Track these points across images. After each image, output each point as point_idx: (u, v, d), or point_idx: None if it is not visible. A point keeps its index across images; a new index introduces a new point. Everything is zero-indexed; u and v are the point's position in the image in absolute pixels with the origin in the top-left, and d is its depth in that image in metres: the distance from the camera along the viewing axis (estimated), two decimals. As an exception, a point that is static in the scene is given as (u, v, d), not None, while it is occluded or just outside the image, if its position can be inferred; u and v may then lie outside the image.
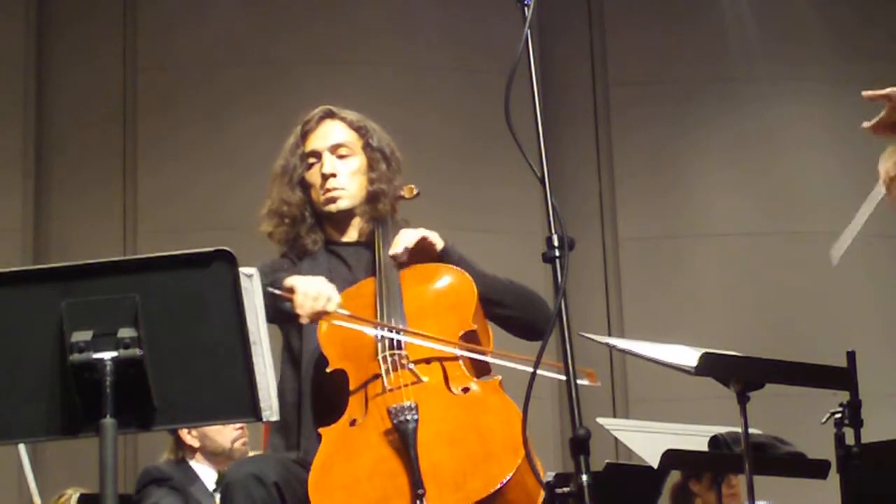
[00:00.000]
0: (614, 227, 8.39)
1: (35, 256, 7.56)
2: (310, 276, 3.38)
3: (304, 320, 3.32)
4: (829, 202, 8.29)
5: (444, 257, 3.57)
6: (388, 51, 8.16)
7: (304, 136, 3.67)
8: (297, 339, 3.50)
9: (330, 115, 3.70)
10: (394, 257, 3.48)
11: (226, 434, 5.01)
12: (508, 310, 3.56)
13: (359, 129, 3.68)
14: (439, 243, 3.57)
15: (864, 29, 8.57)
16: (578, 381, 2.77)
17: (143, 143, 7.95)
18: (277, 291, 3.29)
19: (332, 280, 3.50)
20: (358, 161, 3.65)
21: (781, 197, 8.40)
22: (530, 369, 2.81)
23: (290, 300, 3.30)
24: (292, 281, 3.34)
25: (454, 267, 3.54)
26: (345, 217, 3.65)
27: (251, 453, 4.84)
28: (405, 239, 3.50)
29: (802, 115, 8.54)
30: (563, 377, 2.74)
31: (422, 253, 3.56)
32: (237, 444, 5.02)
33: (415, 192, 3.72)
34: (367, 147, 3.67)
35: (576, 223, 7.64)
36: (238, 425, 5.01)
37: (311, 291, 3.30)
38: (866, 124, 3.32)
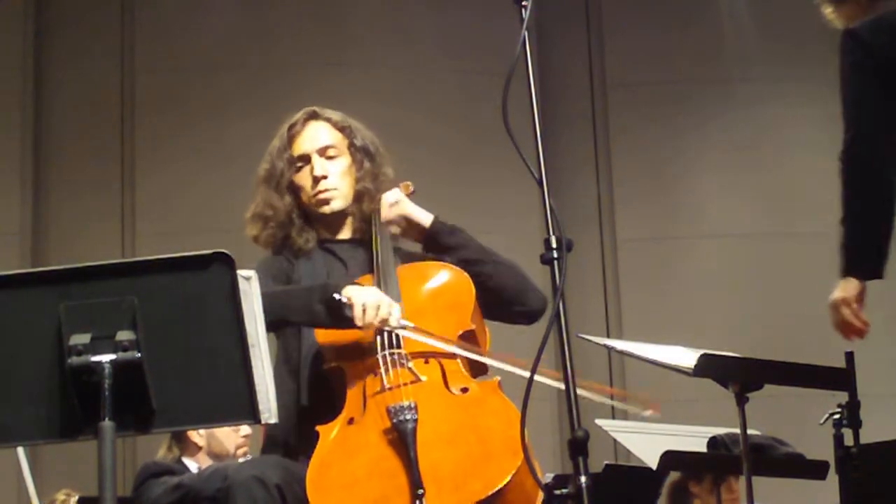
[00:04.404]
0: (612, 228, 8.39)
1: (34, 259, 7.56)
2: (366, 287, 3.39)
3: (365, 329, 3.33)
4: (826, 203, 8.26)
5: (435, 232, 3.60)
6: (385, 52, 8.16)
7: (291, 139, 3.70)
8: (296, 338, 3.50)
9: (314, 116, 3.73)
10: (387, 221, 3.57)
11: (231, 439, 5.06)
12: (490, 277, 3.57)
13: (343, 129, 3.72)
14: (426, 220, 3.61)
15: (862, 29, 8.57)
16: (642, 413, 2.79)
17: (141, 145, 7.95)
18: (342, 298, 3.31)
19: (329, 277, 3.51)
20: (345, 161, 3.69)
21: (779, 198, 8.40)
22: (527, 374, 2.81)
23: (351, 307, 3.31)
24: (350, 291, 3.35)
25: (452, 266, 3.56)
26: (337, 217, 3.68)
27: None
28: (386, 198, 3.60)
29: (800, 116, 8.54)
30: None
31: (411, 229, 3.61)
32: (239, 452, 5.07)
33: (410, 189, 3.74)
34: (351, 146, 3.70)
35: (574, 224, 7.63)
36: (244, 435, 5.06)
37: (372, 301, 3.31)
38: None
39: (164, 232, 7.56)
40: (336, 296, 3.31)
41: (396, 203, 3.63)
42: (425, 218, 3.63)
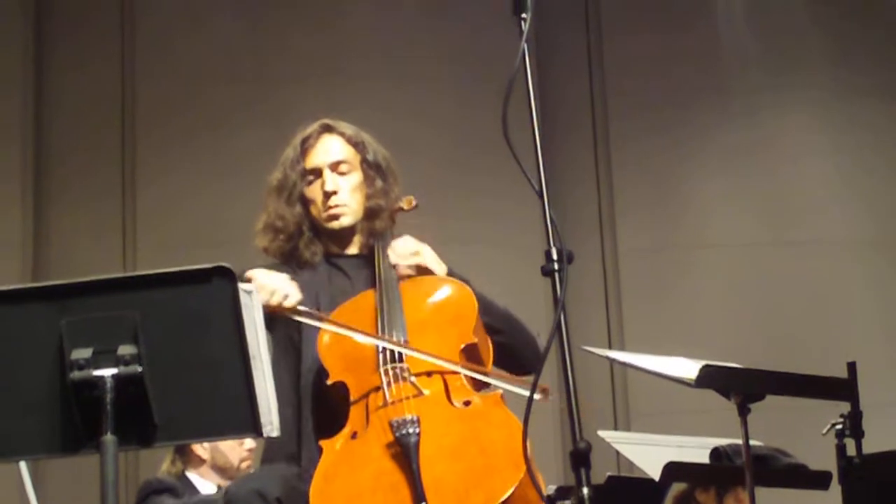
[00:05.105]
0: (613, 238, 8.38)
1: (34, 270, 7.56)
2: (272, 272, 3.38)
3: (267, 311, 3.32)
4: (827, 210, 8.28)
5: None
6: (384, 63, 8.16)
7: (304, 152, 3.69)
8: (297, 352, 3.49)
9: (328, 129, 3.72)
10: (395, 266, 3.53)
11: (236, 453, 5.07)
12: (500, 335, 3.56)
13: (356, 145, 3.71)
14: (439, 270, 3.60)
15: (860, 37, 8.58)
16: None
17: (142, 155, 7.95)
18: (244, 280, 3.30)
19: (331, 291, 3.52)
20: (357, 177, 3.68)
21: (780, 206, 8.40)
22: (527, 393, 2.81)
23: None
24: (252, 273, 3.34)
25: (455, 280, 3.56)
26: (345, 232, 3.67)
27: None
28: (402, 248, 3.54)
29: (800, 123, 8.54)
30: (530, 394, 2.73)
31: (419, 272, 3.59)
32: (243, 465, 5.07)
33: (413, 203, 3.74)
34: (364, 162, 3.69)
35: (574, 235, 7.64)
36: (248, 448, 5.05)
37: (268, 285, 3.30)
38: None
39: (165, 243, 7.56)
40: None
41: (416, 253, 3.60)
42: (438, 269, 3.61)
